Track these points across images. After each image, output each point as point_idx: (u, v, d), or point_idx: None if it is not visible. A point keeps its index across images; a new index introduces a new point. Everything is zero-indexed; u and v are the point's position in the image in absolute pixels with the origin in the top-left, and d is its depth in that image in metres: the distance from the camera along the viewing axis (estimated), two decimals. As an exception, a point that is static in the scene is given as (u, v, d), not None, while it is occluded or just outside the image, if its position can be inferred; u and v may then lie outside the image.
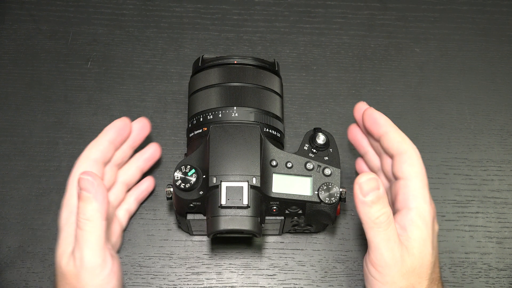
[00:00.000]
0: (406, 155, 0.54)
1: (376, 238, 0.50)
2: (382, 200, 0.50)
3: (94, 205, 0.50)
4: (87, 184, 0.50)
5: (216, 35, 0.73)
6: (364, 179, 0.50)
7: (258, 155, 0.53)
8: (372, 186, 0.50)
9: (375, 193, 0.50)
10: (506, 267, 0.63)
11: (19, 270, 0.61)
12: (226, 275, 0.61)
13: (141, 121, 0.59)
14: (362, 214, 0.50)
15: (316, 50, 0.73)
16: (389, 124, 0.56)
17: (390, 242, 0.50)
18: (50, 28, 0.72)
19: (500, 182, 0.67)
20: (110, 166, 0.58)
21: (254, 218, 0.52)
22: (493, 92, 0.71)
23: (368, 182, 0.50)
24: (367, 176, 0.50)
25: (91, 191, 0.50)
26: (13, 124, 0.67)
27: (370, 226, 0.50)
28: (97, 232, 0.50)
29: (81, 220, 0.50)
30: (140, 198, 0.62)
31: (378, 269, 0.51)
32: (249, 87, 0.57)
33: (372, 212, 0.50)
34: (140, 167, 0.61)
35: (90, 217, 0.50)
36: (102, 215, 0.50)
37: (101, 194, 0.50)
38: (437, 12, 0.75)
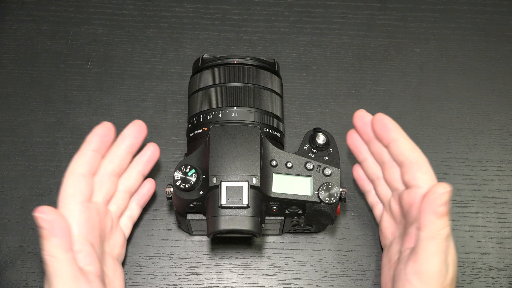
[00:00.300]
0: (419, 163, 0.54)
1: (431, 248, 0.50)
2: (448, 213, 0.50)
3: (53, 241, 0.48)
4: (42, 222, 0.48)
5: (216, 35, 0.73)
6: (443, 190, 0.50)
7: (258, 155, 0.53)
8: (446, 199, 0.50)
9: (447, 206, 0.50)
10: (506, 267, 0.63)
11: (19, 270, 0.61)
12: (226, 275, 0.61)
13: (136, 124, 0.56)
14: (427, 222, 0.50)
15: (316, 50, 0.73)
16: (399, 131, 0.55)
17: (443, 255, 0.50)
18: (50, 28, 0.72)
19: (500, 182, 0.67)
20: (109, 176, 0.55)
21: (254, 218, 0.52)
22: (493, 92, 0.71)
23: (446, 195, 0.50)
24: (446, 188, 0.50)
25: (47, 227, 0.48)
26: (13, 124, 0.67)
27: (431, 236, 0.50)
28: (64, 268, 0.49)
29: (45, 257, 0.49)
30: (142, 202, 0.60)
31: (422, 279, 0.50)
32: (249, 87, 0.57)
33: (438, 224, 0.50)
34: (141, 171, 0.58)
35: (53, 253, 0.48)
36: (64, 249, 0.49)
37: (58, 228, 0.49)
38: (437, 12, 0.75)
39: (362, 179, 0.61)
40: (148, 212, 0.63)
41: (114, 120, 0.67)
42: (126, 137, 0.56)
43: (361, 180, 0.61)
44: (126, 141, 0.56)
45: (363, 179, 0.61)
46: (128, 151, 0.56)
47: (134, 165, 0.58)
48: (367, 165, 0.59)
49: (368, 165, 0.59)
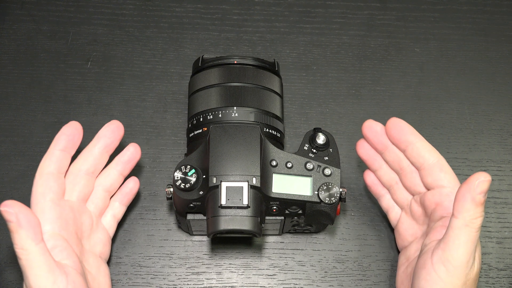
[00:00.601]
0: (440, 164, 0.54)
1: (463, 236, 0.50)
2: (484, 204, 0.50)
3: (22, 233, 0.48)
4: (7, 215, 0.48)
5: (216, 35, 0.73)
6: (485, 178, 0.50)
7: (258, 155, 0.53)
8: (486, 188, 0.50)
9: (485, 195, 0.50)
10: (506, 267, 0.63)
11: (19, 270, 0.61)
12: (226, 275, 0.61)
13: (112, 125, 0.56)
14: (463, 209, 0.50)
15: (316, 50, 0.73)
16: (415, 134, 0.55)
17: (473, 245, 0.50)
18: (50, 28, 0.72)
19: (500, 182, 0.67)
20: (83, 175, 0.55)
21: (254, 218, 0.52)
22: (493, 92, 0.71)
23: (487, 183, 0.50)
24: (487, 177, 0.50)
25: (13, 220, 0.48)
26: (13, 124, 0.67)
27: (465, 223, 0.50)
28: (36, 258, 0.48)
29: (17, 251, 0.48)
30: (125, 201, 0.59)
31: (448, 268, 0.50)
32: (249, 87, 0.57)
33: (474, 212, 0.50)
34: (121, 170, 0.58)
35: (23, 245, 0.48)
36: (34, 240, 0.48)
37: (25, 220, 0.48)
38: (437, 12, 0.75)
39: (375, 184, 0.60)
40: (148, 212, 0.63)
41: (114, 120, 0.67)
42: (101, 137, 0.56)
43: (375, 185, 0.60)
44: (101, 141, 0.56)
45: (377, 184, 0.60)
46: (102, 150, 0.56)
47: (113, 164, 0.58)
48: (382, 172, 0.59)
49: (383, 173, 0.59)
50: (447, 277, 0.50)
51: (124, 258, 0.61)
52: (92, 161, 0.56)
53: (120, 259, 0.61)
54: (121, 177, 0.58)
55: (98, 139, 0.56)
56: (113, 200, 0.59)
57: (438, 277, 0.51)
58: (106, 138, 0.56)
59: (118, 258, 0.61)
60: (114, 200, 0.59)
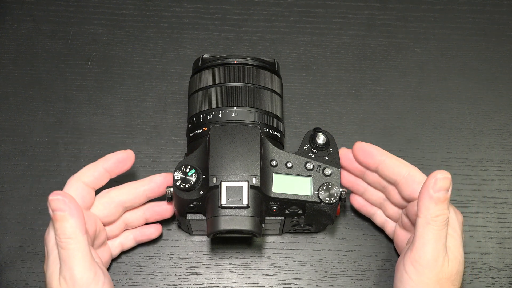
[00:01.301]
0: (412, 176, 0.54)
1: (428, 235, 0.51)
2: (447, 202, 0.51)
3: (71, 222, 0.49)
4: (59, 204, 0.49)
5: (216, 35, 0.73)
6: (441, 176, 0.51)
7: (258, 155, 0.53)
8: (444, 185, 0.51)
9: (444, 192, 0.51)
10: (506, 267, 0.63)
11: (19, 270, 0.61)
12: (226, 275, 0.61)
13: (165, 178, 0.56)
14: (424, 207, 0.51)
15: (316, 50, 0.73)
16: (381, 152, 0.56)
17: (439, 243, 0.51)
18: (50, 28, 0.72)
19: (500, 182, 0.67)
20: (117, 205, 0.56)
21: (254, 218, 0.52)
22: (493, 92, 0.71)
23: (443, 180, 0.51)
24: (444, 174, 0.51)
25: (65, 209, 0.49)
26: (13, 124, 0.67)
27: (427, 221, 0.51)
28: (82, 248, 0.49)
29: (62, 240, 0.49)
30: (139, 239, 0.60)
31: (417, 268, 0.51)
32: (249, 87, 0.57)
33: (435, 210, 0.50)
34: (147, 217, 0.59)
35: (71, 234, 0.49)
36: (82, 230, 0.50)
37: (75, 209, 0.49)
38: (437, 12, 0.75)
39: (364, 205, 0.61)
40: (148, 212, 0.63)
41: (114, 120, 0.68)
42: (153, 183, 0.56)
43: (364, 207, 0.61)
44: (151, 185, 0.56)
45: (365, 205, 0.61)
46: (147, 194, 0.56)
47: (144, 208, 0.59)
48: (369, 194, 0.60)
49: (370, 194, 0.60)
50: (417, 276, 0.51)
51: (124, 258, 0.61)
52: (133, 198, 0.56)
53: (120, 259, 0.61)
54: (144, 220, 0.59)
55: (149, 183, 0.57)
56: (129, 232, 0.59)
57: (409, 277, 0.51)
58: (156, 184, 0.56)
59: (118, 258, 0.61)
60: (130, 232, 0.59)
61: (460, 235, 0.53)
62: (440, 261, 0.51)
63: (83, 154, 0.66)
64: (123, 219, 0.58)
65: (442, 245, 0.51)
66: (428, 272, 0.51)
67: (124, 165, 0.55)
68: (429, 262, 0.51)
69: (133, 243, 0.60)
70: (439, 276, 0.51)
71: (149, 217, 0.59)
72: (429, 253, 0.51)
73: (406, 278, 0.52)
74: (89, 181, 0.54)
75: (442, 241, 0.51)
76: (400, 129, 0.69)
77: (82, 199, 0.53)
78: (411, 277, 0.51)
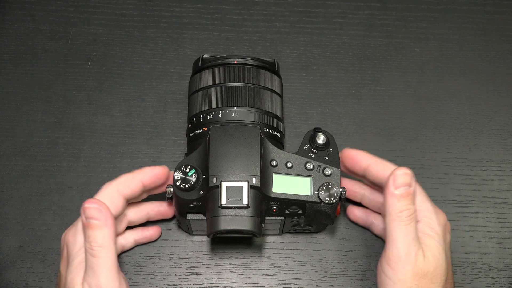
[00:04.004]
0: None
1: (395, 231, 0.51)
2: (410, 197, 0.52)
3: (105, 231, 0.50)
4: (94, 212, 0.49)
5: (216, 35, 0.73)
6: (400, 172, 0.52)
7: (258, 155, 0.53)
8: (405, 181, 0.52)
9: (405, 188, 0.52)
10: (506, 267, 0.63)
11: (19, 270, 0.61)
12: (226, 275, 0.61)
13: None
14: (388, 205, 0.52)
15: (316, 50, 0.73)
16: (368, 157, 0.56)
17: (407, 238, 0.51)
18: (50, 28, 0.72)
19: (500, 182, 0.67)
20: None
21: (254, 218, 0.52)
22: (493, 92, 0.71)
23: (403, 176, 0.52)
24: (403, 170, 0.52)
25: (100, 218, 0.50)
26: (13, 124, 0.67)
27: (393, 218, 0.51)
28: (111, 257, 0.50)
29: (94, 248, 0.49)
30: (139, 240, 0.60)
31: (391, 265, 0.51)
32: (249, 87, 0.57)
33: (398, 205, 0.51)
34: (150, 215, 0.59)
35: (103, 243, 0.49)
36: (113, 240, 0.50)
37: (110, 220, 0.50)
38: (437, 12, 0.75)
39: (360, 217, 0.62)
40: (148, 212, 0.63)
41: (114, 120, 0.68)
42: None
43: (360, 218, 0.62)
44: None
45: (361, 217, 0.62)
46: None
47: (148, 207, 0.59)
48: (367, 200, 0.60)
49: (368, 200, 0.60)
50: (393, 274, 0.51)
51: (124, 258, 0.61)
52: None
53: (120, 259, 0.61)
54: (148, 219, 0.60)
55: None
56: (130, 232, 0.60)
57: (386, 277, 0.52)
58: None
59: (118, 258, 0.61)
60: (131, 233, 0.60)
61: (440, 234, 0.53)
62: (412, 256, 0.51)
63: (83, 154, 0.66)
64: (127, 217, 0.58)
65: (412, 239, 0.51)
66: (401, 268, 0.51)
67: (160, 181, 0.55)
68: (401, 257, 0.51)
69: (131, 245, 0.61)
70: (414, 271, 0.51)
71: (153, 216, 0.59)
72: (400, 249, 0.51)
73: (384, 278, 0.52)
74: (125, 192, 0.54)
75: (411, 235, 0.51)
76: (400, 129, 0.69)
77: (115, 209, 0.53)
78: (388, 276, 0.52)
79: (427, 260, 0.52)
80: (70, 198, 0.64)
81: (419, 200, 0.54)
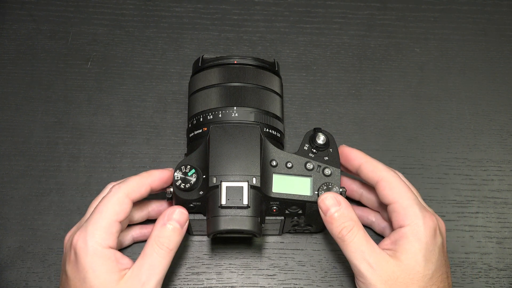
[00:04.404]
0: (384, 182, 0.54)
1: (345, 251, 0.53)
2: (342, 215, 0.53)
3: (180, 238, 0.52)
4: (183, 220, 0.52)
5: (216, 35, 0.73)
6: (321, 198, 0.53)
7: (258, 155, 0.53)
8: (329, 203, 0.53)
9: (333, 209, 0.53)
10: (506, 267, 0.63)
11: (19, 270, 0.61)
12: (226, 275, 0.61)
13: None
14: (329, 230, 0.54)
15: (316, 50, 0.73)
16: (360, 157, 0.56)
17: (358, 253, 0.52)
18: (50, 28, 0.72)
19: (500, 182, 0.67)
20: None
21: (254, 218, 0.52)
22: (493, 92, 0.71)
23: (326, 200, 0.53)
24: (325, 195, 0.53)
25: (184, 227, 0.53)
26: (13, 124, 0.67)
27: (338, 241, 0.53)
28: (168, 260, 0.52)
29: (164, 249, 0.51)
30: (137, 238, 0.61)
31: (360, 280, 0.52)
32: (249, 87, 0.57)
33: (334, 228, 0.53)
34: (150, 214, 0.60)
35: (175, 248, 0.52)
36: (177, 248, 0.52)
37: (184, 231, 0.53)
38: (437, 12, 0.75)
39: (359, 216, 0.61)
40: (148, 212, 0.63)
41: (114, 120, 0.68)
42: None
43: (360, 217, 0.61)
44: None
45: (361, 216, 0.62)
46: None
47: (149, 207, 0.60)
48: (365, 199, 0.61)
49: (365, 199, 0.61)
50: (365, 286, 0.52)
51: (124, 258, 0.61)
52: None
53: (120, 259, 0.61)
54: (148, 218, 0.60)
55: None
56: (129, 232, 0.60)
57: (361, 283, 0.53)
58: None
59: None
60: (130, 232, 0.60)
61: (424, 240, 0.52)
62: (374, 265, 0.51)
63: (83, 154, 0.66)
64: (129, 216, 0.58)
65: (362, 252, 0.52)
66: (368, 280, 0.51)
67: (167, 184, 0.56)
68: (362, 272, 0.52)
69: (130, 242, 0.61)
70: (382, 278, 0.51)
71: (153, 215, 0.60)
72: (358, 265, 0.52)
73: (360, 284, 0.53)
74: (134, 196, 0.54)
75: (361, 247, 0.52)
76: (400, 129, 0.69)
77: (124, 213, 0.53)
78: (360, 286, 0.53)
79: (397, 267, 0.51)
80: (70, 198, 0.64)
81: (407, 204, 0.53)
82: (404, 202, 0.53)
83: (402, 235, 0.52)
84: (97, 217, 0.52)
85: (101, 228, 0.51)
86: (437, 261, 0.52)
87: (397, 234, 0.53)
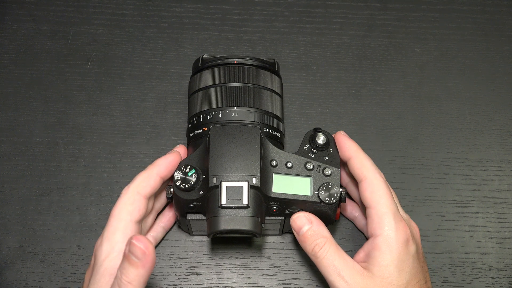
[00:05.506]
0: (366, 183, 0.55)
1: (320, 267, 0.54)
2: (314, 233, 0.54)
3: (140, 272, 0.48)
4: (138, 252, 0.47)
5: (216, 35, 0.73)
6: (293, 218, 0.54)
7: (258, 155, 0.53)
8: (301, 222, 0.54)
9: (304, 228, 0.54)
10: (506, 267, 0.63)
11: (19, 270, 0.61)
12: (226, 275, 0.61)
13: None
14: (303, 249, 0.55)
15: (316, 50, 0.73)
16: (353, 150, 0.56)
17: (331, 267, 0.53)
18: (50, 28, 0.72)
19: (500, 182, 0.67)
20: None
21: (254, 218, 0.52)
22: (493, 92, 0.71)
23: (296, 220, 0.54)
24: (296, 215, 0.54)
25: (141, 259, 0.47)
26: (13, 124, 0.67)
27: (312, 258, 0.54)
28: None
29: (122, 281, 0.48)
30: (167, 226, 0.61)
31: None
32: (249, 87, 0.57)
33: (307, 246, 0.54)
34: None
35: (132, 281, 0.48)
36: (144, 281, 0.48)
37: (150, 262, 0.48)
38: (437, 12, 0.75)
39: (344, 209, 0.62)
40: (148, 212, 0.63)
41: (114, 120, 0.68)
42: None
43: (344, 211, 0.62)
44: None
45: (346, 209, 0.62)
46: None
47: (157, 219, 0.60)
48: (350, 189, 0.61)
49: (351, 190, 0.61)
50: None
51: (124, 258, 0.61)
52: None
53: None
54: None
55: None
56: (156, 222, 0.60)
57: None
58: None
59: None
60: (157, 222, 0.60)
61: (396, 251, 0.52)
62: (348, 280, 0.52)
63: (83, 154, 0.66)
64: (155, 207, 0.59)
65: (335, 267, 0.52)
66: None
67: (175, 168, 0.55)
68: (336, 287, 0.52)
69: (163, 234, 0.61)
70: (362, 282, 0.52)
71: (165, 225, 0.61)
72: (333, 281, 0.53)
73: None
74: (145, 191, 0.54)
75: (334, 263, 0.53)
76: (400, 129, 0.69)
77: (139, 212, 0.53)
78: None
79: (370, 279, 0.52)
80: (70, 198, 0.64)
81: (382, 213, 0.53)
82: (380, 209, 0.53)
83: (375, 246, 0.53)
84: (111, 221, 0.52)
85: (116, 232, 0.52)
86: (411, 269, 0.53)
87: (370, 245, 0.54)
